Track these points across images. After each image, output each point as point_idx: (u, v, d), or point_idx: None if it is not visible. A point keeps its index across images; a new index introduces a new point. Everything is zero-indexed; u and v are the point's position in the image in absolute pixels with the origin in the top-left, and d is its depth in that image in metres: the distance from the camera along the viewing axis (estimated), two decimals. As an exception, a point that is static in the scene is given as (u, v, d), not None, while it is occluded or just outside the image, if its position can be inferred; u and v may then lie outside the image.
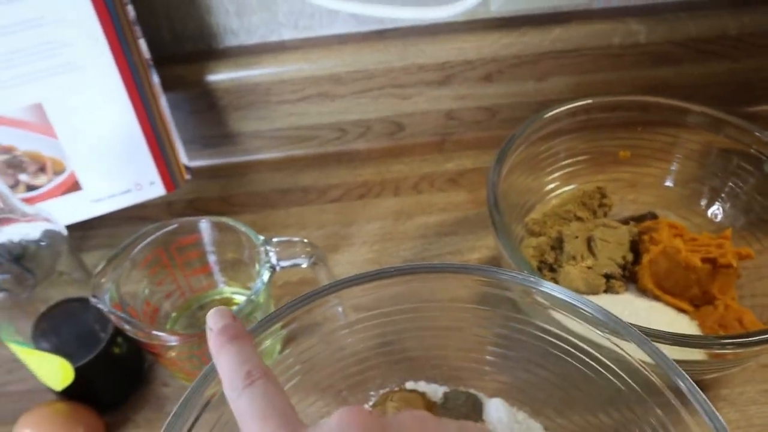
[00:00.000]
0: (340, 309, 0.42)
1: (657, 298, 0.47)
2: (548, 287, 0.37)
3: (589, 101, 0.51)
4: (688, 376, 0.33)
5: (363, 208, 0.61)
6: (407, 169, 0.65)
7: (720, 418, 0.31)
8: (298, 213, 0.62)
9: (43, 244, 0.43)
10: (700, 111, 0.51)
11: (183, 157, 0.59)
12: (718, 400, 0.46)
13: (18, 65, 0.49)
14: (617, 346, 0.36)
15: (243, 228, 0.47)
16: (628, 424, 0.38)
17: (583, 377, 0.39)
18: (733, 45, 0.63)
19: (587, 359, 0.39)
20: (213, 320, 0.29)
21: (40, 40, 0.49)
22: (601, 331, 0.36)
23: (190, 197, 0.64)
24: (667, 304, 0.47)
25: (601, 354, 0.38)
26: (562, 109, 0.51)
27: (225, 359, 0.27)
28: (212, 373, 0.36)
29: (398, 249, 0.57)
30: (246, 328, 0.33)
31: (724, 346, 0.37)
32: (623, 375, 0.37)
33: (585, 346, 0.39)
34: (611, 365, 0.38)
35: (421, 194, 0.62)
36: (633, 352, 0.35)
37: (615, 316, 0.36)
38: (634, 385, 0.36)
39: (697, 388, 0.32)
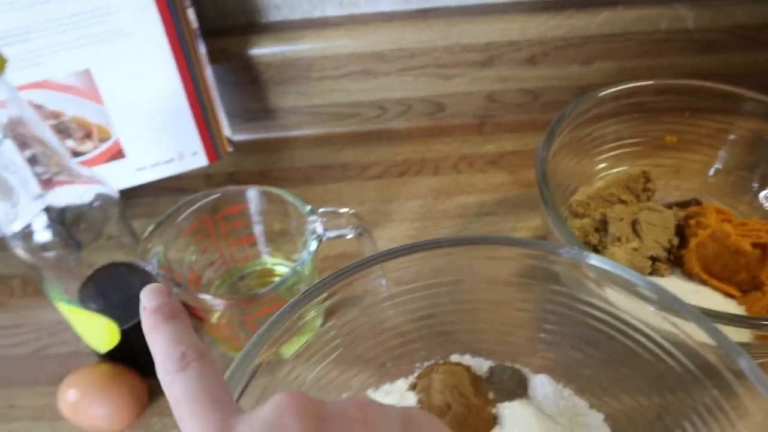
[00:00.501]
0: (383, 281, 0.42)
1: (704, 282, 0.47)
2: (601, 261, 0.37)
3: (647, 83, 0.51)
4: (748, 355, 0.33)
5: (403, 186, 0.61)
6: (447, 149, 0.65)
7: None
8: (338, 189, 0.62)
9: (95, 206, 0.43)
10: (751, 97, 0.50)
11: (226, 129, 0.59)
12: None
13: (69, 31, 0.50)
14: (673, 324, 0.36)
15: (290, 198, 0.47)
16: (680, 404, 0.37)
17: (633, 356, 0.39)
18: (781, 34, 0.62)
19: (639, 337, 0.39)
20: (147, 298, 0.27)
21: (90, 6, 0.50)
22: (656, 309, 0.36)
23: (229, 170, 0.64)
24: (714, 288, 0.46)
25: (654, 332, 0.38)
26: (614, 89, 0.50)
27: (158, 339, 0.25)
28: (260, 342, 0.36)
29: (438, 227, 0.57)
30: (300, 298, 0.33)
31: None
32: (678, 354, 0.37)
33: (636, 324, 0.38)
34: (664, 344, 0.37)
35: (461, 174, 0.62)
36: (690, 331, 0.35)
37: (672, 293, 0.35)
38: (690, 365, 0.36)
39: (757, 366, 0.32)
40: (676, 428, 0.38)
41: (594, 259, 0.38)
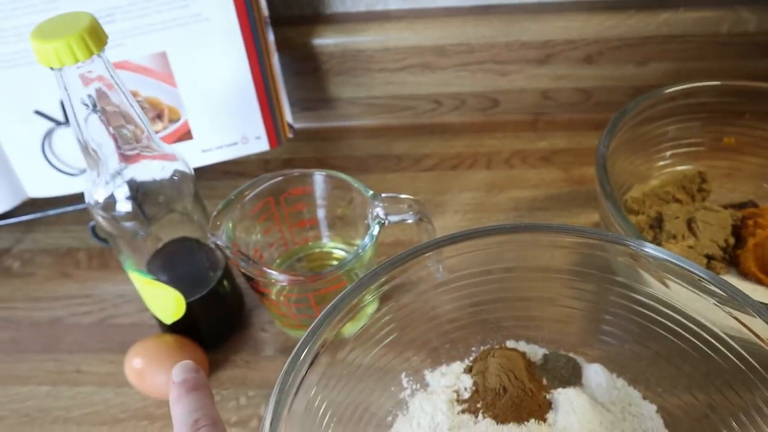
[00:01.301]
0: (439, 267, 0.44)
1: (760, 282, 0.47)
2: (663, 252, 0.38)
3: (709, 83, 0.51)
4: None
5: (456, 179, 0.62)
6: (500, 144, 0.66)
7: None
8: (393, 179, 0.63)
9: (171, 182, 0.45)
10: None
11: (288, 116, 0.61)
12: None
13: (150, 14, 0.52)
14: (737, 320, 0.36)
15: (355, 183, 0.48)
16: (734, 401, 0.38)
17: (690, 350, 0.39)
18: None
19: (699, 331, 0.39)
20: (176, 373, 0.30)
21: (171, -9, 0.52)
22: (718, 303, 0.37)
23: (286, 157, 0.66)
24: (771, 289, 0.47)
25: (715, 327, 0.38)
26: (676, 88, 0.51)
27: (179, 409, 0.29)
28: (326, 320, 0.37)
29: (490, 219, 0.58)
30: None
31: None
32: (739, 350, 0.37)
33: (697, 317, 0.39)
34: (726, 339, 0.38)
35: (513, 169, 0.63)
36: (755, 326, 0.35)
37: (736, 287, 0.36)
38: (752, 361, 0.36)
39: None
40: (727, 425, 0.38)
41: (655, 250, 0.38)
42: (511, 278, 0.45)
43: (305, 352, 0.36)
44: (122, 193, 0.42)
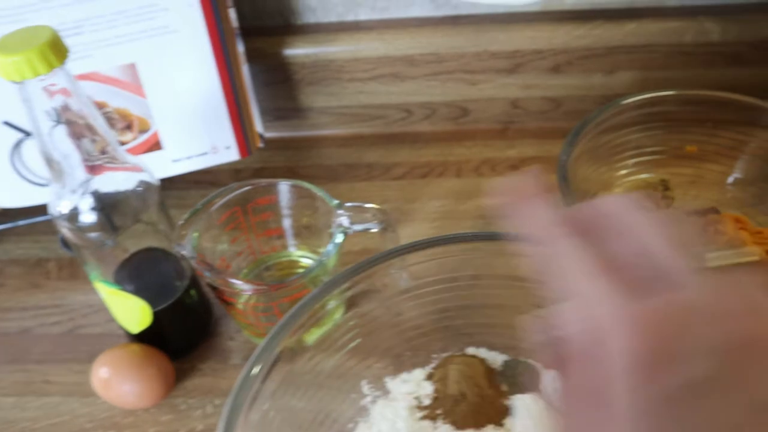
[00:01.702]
0: (404, 274, 0.44)
1: (718, 289, 0.48)
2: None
3: (669, 93, 0.52)
4: None
5: (425, 187, 0.63)
6: (469, 152, 0.66)
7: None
8: (363, 188, 0.64)
9: (136, 192, 0.45)
10: (770, 109, 0.51)
11: (258, 125, 0.61)
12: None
13: (118, 26, 0.52)
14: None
15: (319, 192, 0.49)
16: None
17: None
18: (807, 50, 0.63)
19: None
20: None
21: (140, 3, 0.52)
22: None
23: (257, 166, 0.67)
24: (729, 295, 0.47)
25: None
26: (637, 98, 0.52)
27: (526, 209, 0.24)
28: (285, 327, 0.38)
29: (458, 227, 0.59)
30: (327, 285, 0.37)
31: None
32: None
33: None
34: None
35: (483, 177, 0.64)
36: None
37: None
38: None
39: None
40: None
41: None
42: (475, 286, 0.45)
43: (261, 362, 0.36)
44: (86, 205, 0.43)
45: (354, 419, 0.43)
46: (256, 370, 0.35)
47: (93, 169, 0.42)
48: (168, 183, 0.63)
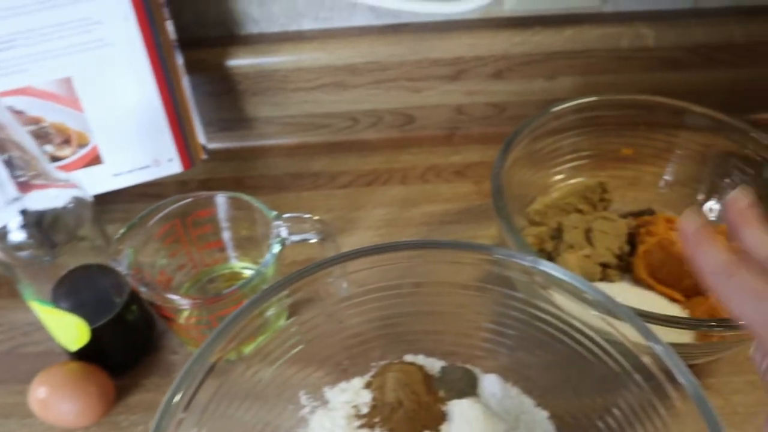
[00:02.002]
0: (344, 284, 0.44)
1: (651, 288, 0.49)
2: (546, 266, 0.39)
3: (594, 99, 0.53)
4: (677, 355, 0.35)
5: (370, 195, 0.63)
6: (415, 159, 0.67)
7: (707, 400, 0.33)
8: (308, 197, 0.64)
9: (68, 209, 0.45)
10: (700, 112, 0.53)
11: (201, 137, 0.61)
12: (705, 388, 0.47)
13: (52, 39, 0.52)
14: (611, 326, 0.38)
15: (257, 203, 0.49)
16: (620, 405, 0.39)
17: (578, 357, 0.41)
18: (739, 53, 0.65)
19: (583, 340, 0.41)
20: (689, 221, 0.32)
21: (75, 16, 0.52)
22: (596, 310, 0.38)
23: (203, 177, 0.66)
24: (660, 293, 0.49)
25: (596, 335, 0.40)
26: (567, 105, 0.53)
27: (704, 251, 0.31)
28: (218, 339, 0.38)
29: (402, 235, 0.59)
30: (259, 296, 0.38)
31: (710, 327, 0.39)
32: (617, 356, 0.39)
33: (581, 327, 0.41)
34: (606, 346, 0.39)
35: (428, 184, 0.64)
36: (627, 332, 0.37)
37: (608, 295, 0.37)
38: (627, 366, 0.38)
39: (685, 365, 0.34)
40: (616, 428, 0.40)
41: (540, 264, 0.40)
42: (415, 293, 0.46)
43: (192, 372, 0.36)
44: (16, 223, 0.42)
45: (293, 430, 0.43)
46: (177, 397, 0.34)
47: (22, 186, 0.41)
48: (113, 196, 0.63)
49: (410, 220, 0.61)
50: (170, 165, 0.60)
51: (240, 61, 0.64)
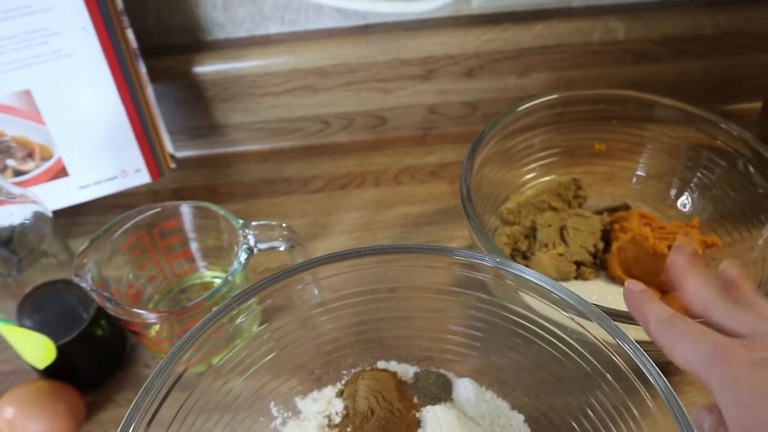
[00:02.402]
0: (315, 291, 0.44)
1: (625, 285, 0.48)
2: (514, 267, 0.39)
3: (555, 96, 0.53)
4: (646, 354, 0.34)
5: (344, 198, 0.62)
6: (389, 161, 0.66)
7: (677, 398, 0.32)
8: (282, 203, 0.63)
9: (28, 225, 0.44)
10: (669, 105, 0.52)
11: (168, 146, 0.60)
12: (684, 384, 0.47)
13: (8, 52, 0.51)
14: (581, 326, 0.37)
15: (222, 212, 0.48)
16: (594, 405, 0.39)
17: (551, 359, 0.41)
18: (709, 44, 0.65)
19: (555, 341, 0.40)
20: (633, 285, 0.36)
21: (29, 28, 0.51)
22: (564, 311, 0.38)
23: (175, 186, 0.65)
24: (635, 290, 0.48)
25: (567, 335, 0.39)
26: (532, 104, 0.52)
27: (649, 306, 0.34)
28: (180, 351, 0.37)
29: (376, 237, 0.59)
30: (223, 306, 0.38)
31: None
32: (589, 356, 0.38)
33: (553, 328, 0.40)
34: (577, 347, 0.39)
35: (402, 185, 0.64)
36: (596, 332, 0.37)
37: (577, 295, 0.37)
38: (599, 367, 0.38)
39: (654, 365, 0.34)
40: (591, 428, 0.39)
41: (508, 266, 0.39)
42: (388, 299, 0.45)
43: (157, 383, 0.35)
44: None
45: (264, 443, 0.42)
46: (138, 414, 0.34)
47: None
48: (84, 209, 0.62)
49: (385, 223, 0.60)
50: (138, 175, 0.59)
51: (207, 68, 0.63)
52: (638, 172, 0.57)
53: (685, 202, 0.54)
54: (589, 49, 0.64)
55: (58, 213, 0.59)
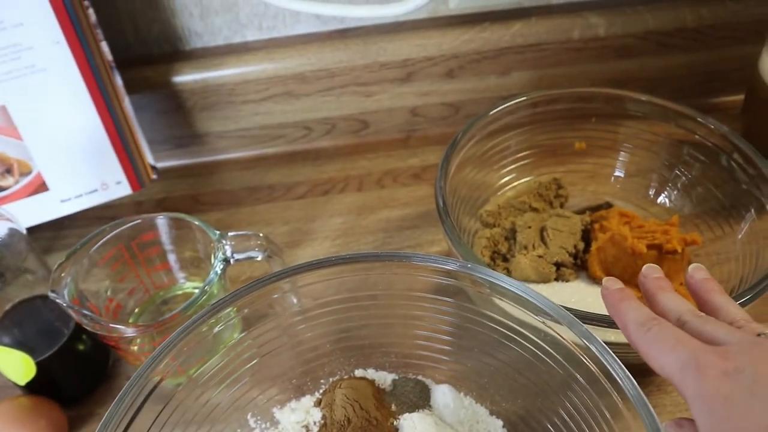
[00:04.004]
0: (294, 300, 0.44)
1: (605, 285, 0.48)
2: (486, 273, 0.38)
3: (525, 98, 0.52)
4: (614, 356, 0.34)
5: (326, 204, 0.62)
6: (371, 165, 0.66)
7: (646, 400, 0.32)
8: (264, 210, 0.63)
9: (3, 242, 0.44)
10: (647, 100, 0.52)
11: (149, 157, 0.60)
12: (668, 384, 0.47)
13: (-20, 69, 0.51)
14: (552, 330, 0.37)
15: (197, 222, 0.48)
16: (569, 409, 0.39)
17: (527, 363, 0.40)
18: (692, 37, 0.64)
19: (530, 346, 0.40)
20: (610, 283, 0.36)
21: (3, 44, 0.51)
22: (535, 315, 0.37)
23: (159, 197, 0.65)
24: (616, 290, 0.48)
25: (541, 340, 0.39)
26: (503, 107, 0.52)
27: (626, 306, 0.34)
28: (157, 359, 0.37)
29: (359, 243, 0.58)
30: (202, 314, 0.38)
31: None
32: (562, 360, 0.38)
33: (528, 333, 0.40)
34: (551, 351, 0.38)
35: (384, 189, 0.63)
36: (568, 335, 0.36)
37: (546, 298, 0.37)
38: (572, 370, 0.37)
39: (623, 367, 0.33)
40: (567, 431, 0.39)
41: (479, 272, 0.39)
42: (367, 306, 0.45)
43: (126, 399, 0.36)
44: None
45: (243, 454, 0.42)
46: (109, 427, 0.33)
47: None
48: (68, 222, 0.62)
49: (367, 228, 0.60)
50: (119, 187, 0.59)
51: (186, 77, 0.63)
52: (619, 170, 0.56)
53: (666, 198, 0.53)
54: (569, 47, 0.64)
55: (40, 228, 0.59)
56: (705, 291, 0.35)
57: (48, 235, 0.62)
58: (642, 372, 0.45)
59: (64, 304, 0.44)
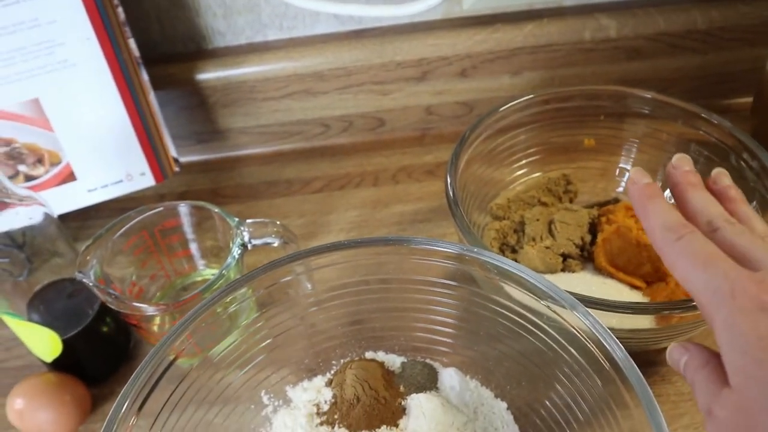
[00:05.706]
0: (308, 284, 0.45)
1: (611, 276, 0.49)
2: (494, 258, 0.40)
3: (532, 96, 0.54)
4: (617, 341, 0.35)
5: (342, 198, 0.64)
6: (387, 161, 0.68)
7: (646, 385, 0.33)
8: (282, 203, 0.65)
9: (37, 226, 0.46)
10: (652, 98, 0.53)
11: (172, 150, 0.62)
12: (672, 374, 0.48)
13: (16, 63, 0.54)
14: (556, 313, 0.38)
15: (217, 210, 0.50)
16: (573, 394, 0.40)
17: (532, 349, 0.42)
18: (702, 39, 0.65)
19: (535, 331, 0.41)
20: (638, 176, 0.33)
21: (36, 39, 0.54)
22: (540, 298, 0.39)
23: (181, 190, 0.68)
24: (621, 281, 0.49)
25: (546, 324, 0.40)
26: (511, 105, 0.53)
27: (654, 206, 0.31)
28: (174, 335, 0.39)
29: (373, 234, 0.60)
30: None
31: (660, 310, 0.39)
32: (568, 347, 0.39)
33: (533, 318, 0.41)
34: (558, 337, 0.39)
35: (399, 184, 0.65)
36: (572, 320, 0.37)
37: (551, 282, 0.38)
38: (578, 357, 0.38)
39: (626, 354, 0.34)
40: (572, 418, 0.40)
41: (487, 256, 0.40)
42: (379, 291, 0.47)
43: (143, 374, 0.38)
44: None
45: (256, 429, 0.44)
46: (127, 401, 0.35)
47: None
48: (93, 212, 0.64)
49: (381, 221, 0.61)
50: (143, 179, 0.61)
51: (209, 75, 0.65)
52: (628, 168, 0.57)
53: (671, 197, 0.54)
54: (581, 47, 0.65)
55: (67, 216, 0.62)
56: (728, 200, 0.32)
57: (75, 224, 0.64)
58: (646, 362, 0.46)
59: (90, 284, 0.46)
